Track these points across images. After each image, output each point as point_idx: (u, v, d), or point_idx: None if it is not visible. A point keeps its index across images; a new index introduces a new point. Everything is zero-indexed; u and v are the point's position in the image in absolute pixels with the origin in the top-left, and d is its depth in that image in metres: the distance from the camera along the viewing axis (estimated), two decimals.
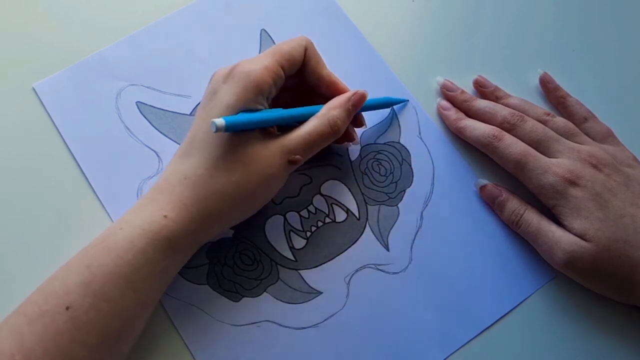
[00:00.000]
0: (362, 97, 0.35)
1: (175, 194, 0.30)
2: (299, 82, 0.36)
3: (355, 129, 0.38)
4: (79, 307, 0.27)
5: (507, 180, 0.38)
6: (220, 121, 0.29)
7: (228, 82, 0.32)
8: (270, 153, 0.32)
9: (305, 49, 0.35)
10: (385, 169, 0.39)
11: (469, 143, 0.39)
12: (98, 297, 0.28)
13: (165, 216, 0.30)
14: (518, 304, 0.36)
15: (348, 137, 0.37)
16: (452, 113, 0.40)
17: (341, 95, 0.35)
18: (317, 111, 0.34)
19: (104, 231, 0.30)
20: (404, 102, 0.41)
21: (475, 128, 0.38)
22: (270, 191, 0.34)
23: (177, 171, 0.31)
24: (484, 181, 0.39)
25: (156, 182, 0.32)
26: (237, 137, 0.31)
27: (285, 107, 0.34)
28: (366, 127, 0.39)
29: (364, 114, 0.38)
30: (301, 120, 0.34)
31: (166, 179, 0.31)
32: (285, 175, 0.33)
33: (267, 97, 0.33)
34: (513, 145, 0.36)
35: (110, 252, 0.29)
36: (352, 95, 0.35)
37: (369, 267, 0.36)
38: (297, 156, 0.33)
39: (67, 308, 0.27)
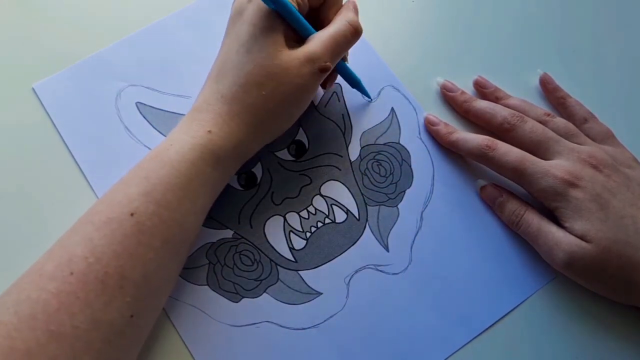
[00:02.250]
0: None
1: (215, 111, 0.32)
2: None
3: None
4: (142, 213, 0.29)
5: (507, 181, 0.38)
6: None
7: (253, 1, 0.33)
8: (297, 63, 0.32)
9: None
10: (385, 169, 0.39)
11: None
12: (159, 204, 0.30)
13: (209, 131, 0.32)
14: (518, 305, 0.36)
15: (332, 76, 0.38)
16: (441, 128, 0.40)
17: (346, 4, 0.36)
18: None
19: (153, 150, 0.32)
20: (367, 96, 0.41)
21: (467, 140, 0.38)
22: (303, 101, 0.35)
23: (214, 91, 0.33)
24: (483, 182, 0.39)
25: (194, 103, 0.34)
26: (267, 52, 0.32)
27: None
28: (327, 90, 0.40)
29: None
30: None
31: (205, 99, 0.33)
32: (316, 84, 0.34)
33: None
34: (508, 153, 0.36)
35: (165, 165, 0.31)
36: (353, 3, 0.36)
37: (369, 268, 0.36)
38: (327, 63, 0.33)
39: (132, 214, 0.29)
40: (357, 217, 0.38)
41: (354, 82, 0.39)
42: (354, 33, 0.34)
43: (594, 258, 0.33)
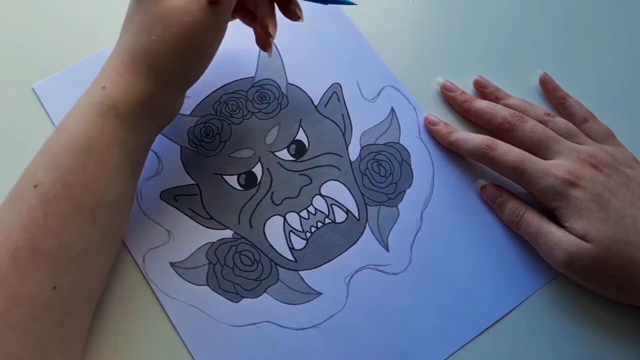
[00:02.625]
0: None
1: (109, 66, 0.32)
2: None
3: (293, 20, 0.35)
4: (45, 183, 0.29)
5: (507, 181, 0.38)
6: None
7: None
8: (184, 1, 0.30)
9: None
10: (385, 169, 0.39)
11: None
12: (62, 171, 0.29)
13: (103, 87, 0.31)
14: (518, 304, 0.36)
15: (289, 6, 0.35)
16: (441, 127, 0.40)
17: None
18: None
19: None
20: (349, 3, 0.36)
21: (467, 140, 0.38)
22: (202, 43, 0.32)
23: (114, 48, 0.33)
24: (483, 181, 0.39)
25: None
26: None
27: None
28: (302, 19, 0.35)
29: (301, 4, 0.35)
30: None
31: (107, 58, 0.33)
32: (213, 22, 0.31)
33: None
34: (508, 152, 0.36)
35: (65, 130, 0.30)
36: None
37: (369, 268, 0.36)
38: None
39: (35, 186, 0.29)
40: (357, 217, 0.38)
41: None
42: None
43: (594, 258, 0.33)
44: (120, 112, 0.31)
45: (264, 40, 0.36)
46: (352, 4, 0.36)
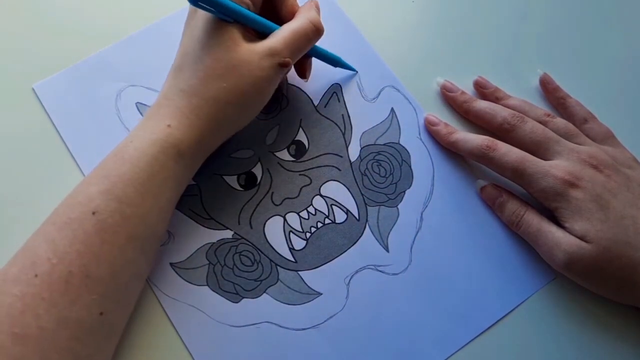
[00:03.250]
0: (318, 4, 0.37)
1: (174, 106, 0.32)
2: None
3: (300, 77, 0.39)
4: (103, 211, 0.29)
5: (507, 181, 0.38)
6: None
7: None
8: (257, 57, 0.32)
9: None
10: (385, 169, 0.39)
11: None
12: (120, 201, 0.30)
13: (168, 125, 0.32)
14: (518, 305, 0.36)
15: (302, 68, 0.38)
16: (442, 128, 0.40)
17: (308, 3, 0.36)
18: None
19: (115, 148, 0.32)
20: (351, 70, 0.41)
21: (467, 141, 0.38)
22: (264, 94, 0.34)
23: (173, 85, 0.33)
24: (483, 182, 0.39)
25: (155, 100, 0.34)
26: (225, 46, 0.32)
27: None
28: (307, 80, 0.39)
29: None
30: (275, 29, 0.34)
31: (164, 95, 0.33)
32: (276, 79, 0.34)
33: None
34: (508, 153, 0.36)
35: (125, 162, 0.31)
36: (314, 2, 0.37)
37: (369, 268, 0.36)
38: (287, 59, 0.33)
39: (94, 213, 0.29)
40: (357, 217, 0.38)
41: (334, 62, 0.40)
42: (315, 32, 0.35)
43: (594, 258, 0.33)
44: (181, 151, 0.32)
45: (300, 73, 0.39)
46: (354, 71, 0.41)
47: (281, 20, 0.36)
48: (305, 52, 0.35)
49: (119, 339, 0.32)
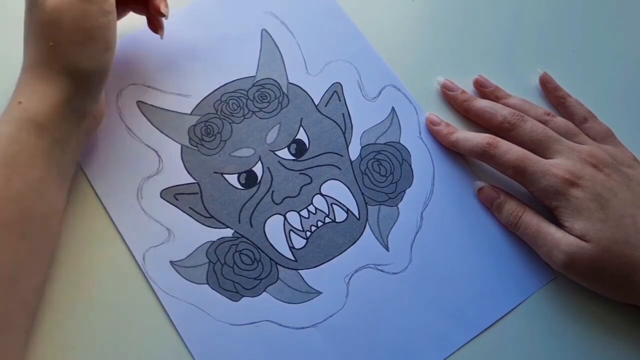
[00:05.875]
0: None
1: (20, 82, 0.32)
2: None
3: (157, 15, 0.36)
4: None
5: (508, 180, 0.38)
6: None
7: None
8: (59, 0, 0.31)
9: None
10: (386, 169, 0.39)
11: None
12: None
13: (19, 102, 0.31)
14: (518, 305, 0.36)
15: (155, 9, 0.36)
16: (443, 127, 0.40)
17: None
18: None
19: None
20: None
21: (468, 139, 0.38)
22: (93, 29, 0.32)
23: (21, 70, 0.33)
24: (481, 183, 0.39)
25: None
26: (35, 5, 0.31)
27: None
28: (167, 17, 0.36)
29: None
30: None
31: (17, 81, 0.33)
32: (95, 6, 0.31)
33: None
34: (509, 151, 0.36)
35: None
36: None
37: (369, 267, 0.36)
38: None
39: None
40: (357, 216, 0.38)
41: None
42: None
43: (594, 258, 0.33)
44: (40, 123, 0.31)
45: (157, 23, 0.38)
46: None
47: None
48: None
49: (22, 334, 0.31)
